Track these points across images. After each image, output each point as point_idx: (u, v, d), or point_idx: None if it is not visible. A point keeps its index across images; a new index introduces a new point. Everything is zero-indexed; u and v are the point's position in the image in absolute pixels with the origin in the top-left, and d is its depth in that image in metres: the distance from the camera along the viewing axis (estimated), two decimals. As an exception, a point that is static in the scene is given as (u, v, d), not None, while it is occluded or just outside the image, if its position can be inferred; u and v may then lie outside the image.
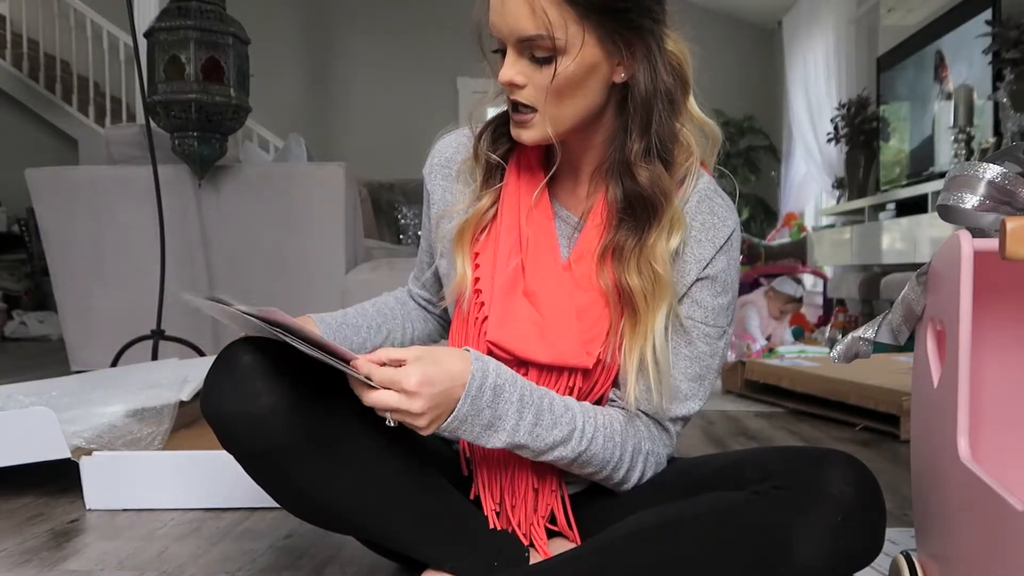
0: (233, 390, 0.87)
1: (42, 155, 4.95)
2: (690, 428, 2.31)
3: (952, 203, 0.90)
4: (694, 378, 0.99)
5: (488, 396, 0.88)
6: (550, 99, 0.91)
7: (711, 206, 0.97)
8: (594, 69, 0.92)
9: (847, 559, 0.85)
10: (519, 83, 0.92)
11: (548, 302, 0.98)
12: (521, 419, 0.90)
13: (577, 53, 0.89)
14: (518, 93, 0.92)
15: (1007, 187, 0.87)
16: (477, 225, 1.03)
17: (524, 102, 0.92)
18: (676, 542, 0.87)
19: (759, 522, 0.85)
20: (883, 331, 1.01)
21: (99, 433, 1.52)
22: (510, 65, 0.91)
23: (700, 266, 0.96)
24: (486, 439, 0.89)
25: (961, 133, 3.67)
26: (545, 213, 1.02)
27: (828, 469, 0.85)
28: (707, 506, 0.88)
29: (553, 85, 0.90)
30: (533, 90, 0.92)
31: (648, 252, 0.94)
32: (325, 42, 7.09)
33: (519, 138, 0.96)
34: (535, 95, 0.92)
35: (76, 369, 2.96)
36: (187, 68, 2.62)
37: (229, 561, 1.22)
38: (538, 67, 0.90)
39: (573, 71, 0.90)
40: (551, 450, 0.92)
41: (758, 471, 0.90)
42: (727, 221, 0.97)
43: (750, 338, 3.80)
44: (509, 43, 0.91)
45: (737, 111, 6.88)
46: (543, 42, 0.88)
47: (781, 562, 0.83)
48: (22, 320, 5.03)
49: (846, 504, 0.83)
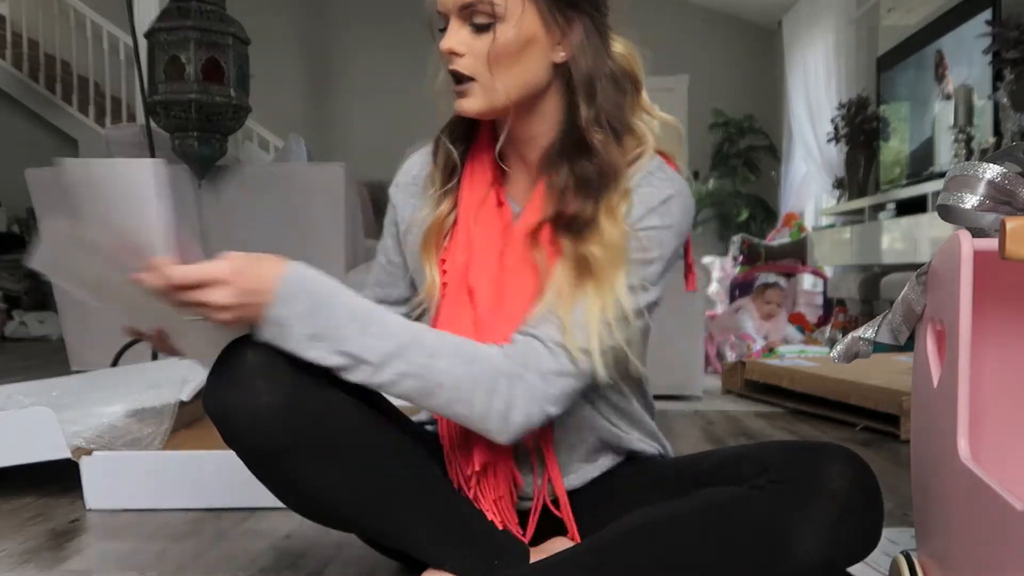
0: (236, 388, 0.87)
1: (42, 155, 4.94)
2: (690, 428, 2.31)
3: (952, 203, 0.90)
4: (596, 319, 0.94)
5: (305, 302, 0.85)
6: (488, 67, 0.93)
7: (650, 179, 0.97)
8: (533, 41, 0.94)
9: (846, 553, 0.85)
10: (459, 51, 0.93)
11: (483, 296, 0.99)
12: (346, 325, 0.86)
13: (516, 21, 0.92)
14: (457, 62, 0.93)
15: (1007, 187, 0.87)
16: (439, 231, 1.04)
17: (463, 71, 0.94)
18: (675, 539, 0.87)
19: (757, 517, 0.85)
20: (883, 331, 1.01)
21: (99, 433, 1.52)
22: (451, 35, 0.93)
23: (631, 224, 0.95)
24: (312, 350, 0.86)
25: (961, 133, 3.67)
26: (492, 211, 1.03)
27: (826, 463, 0.86)
28: (704, 502, 0.89)
29: (492, 52, 0.92)
30: (472, 59, 0.93)
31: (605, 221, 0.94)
32: (325, 42, 7.09)
33: (460, 108, 0.96)
34: (474, 64, 0.93)
35: (76, 369, 2.96)
36: (187, 68, 2.62)
37: (229, 561, 1.22)
38: (478, 35, 0.93)
39: (512, 39, 0.92)
40: (388, 363, 0.87)
41: (756, 466, 0.91)
42: (663, 189, 0.96)
43: (750, 338, 3.80)
44: (452, 13, 0.93)
45: (737, 111, 6.88)
46: (483, 7, 0.91)
47: (780, 556, 0.83)
48: (22, 320, 5.03)
49: (844, 498, 0.84)
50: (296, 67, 6.93)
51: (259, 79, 3.18)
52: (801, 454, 0.89)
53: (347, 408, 0.92)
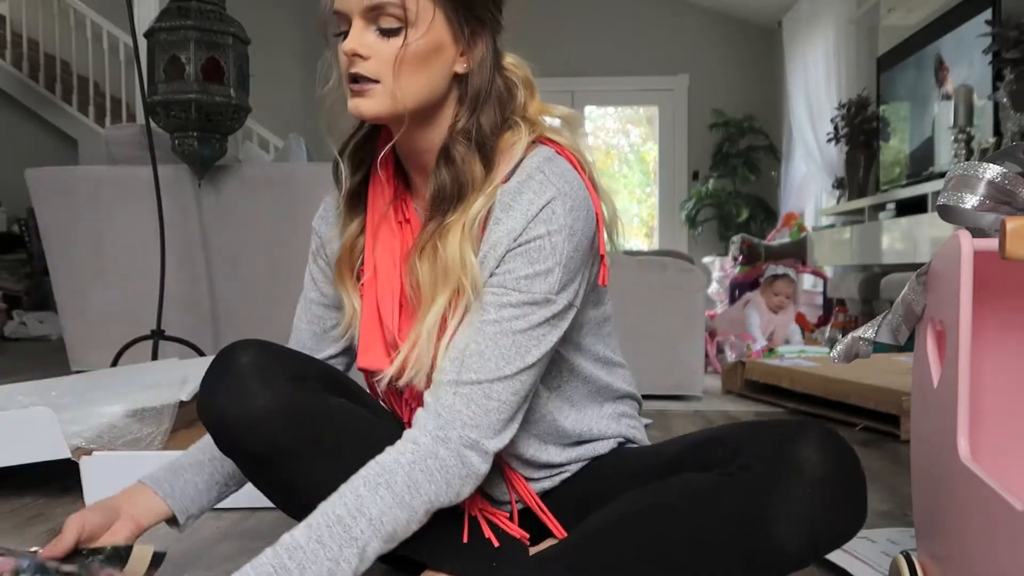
0: (230, 392, 0.87)
1: (42, 155, 4.95)
2: (690, 428, 2.31)
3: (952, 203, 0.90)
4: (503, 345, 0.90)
5: None
6: (395, 72, 0.90)
7: (529, 184, 0.92)
8: (440, 50, 0.92)
9: (829, 533, 0.84)
10: (363, 54, 0.90)
11: (387, 316, 0.99)
12: None
13: (426, 29, 0.90)
14: (361, 65, 0.91)
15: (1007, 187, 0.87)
16: (351, 255, 1.03)
17: (366, 74, 0.91)
18: (655, 526, 0.87)
19: (731, 505, 0.84)
20: (883, 331, 1.01)
21: (99, 433, 1.52)
22: (355, 37, 0.90)
23: (511, 238, 0.91)
24: None
25: (961, 133, 3.67)
26: (391, 229, 1.01)
27: (800, 444, 0.84)
28: (680, 488, 0.88)
29: (400, 57, 0.89)
30: (377, 62, 0.90)
31: (441, 237, 0.93)
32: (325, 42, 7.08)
33: (357, 110, 0.93)
34: (378, 67, 0.91)
35: (76, 369, 2.96)
36: (187, 68, 2.62)
37: (229, 561, 1.22)
38: (385, 39, 0.90)
39: (421, 46, 0.90)
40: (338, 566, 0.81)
41: (731, 447, 0.89)
42: (542, 194, 0.91)
43: (750, 338, 3.80)
44: (356, 14, 0.90)
45: (737, 111, 6.88)
46: (393, 10, 0.89)
47: (760, 542, 0.83)
48: (22, 320, 5.03)
49: (819, 478, 0.82)
50: (296, 67, 6.93)
51: (259, 79, 3.18)
52: (775, 435, 0.87)
53: (341, 410, 0.92)
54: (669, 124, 7.16)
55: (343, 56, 0.92)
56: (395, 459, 0.86)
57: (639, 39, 6.89)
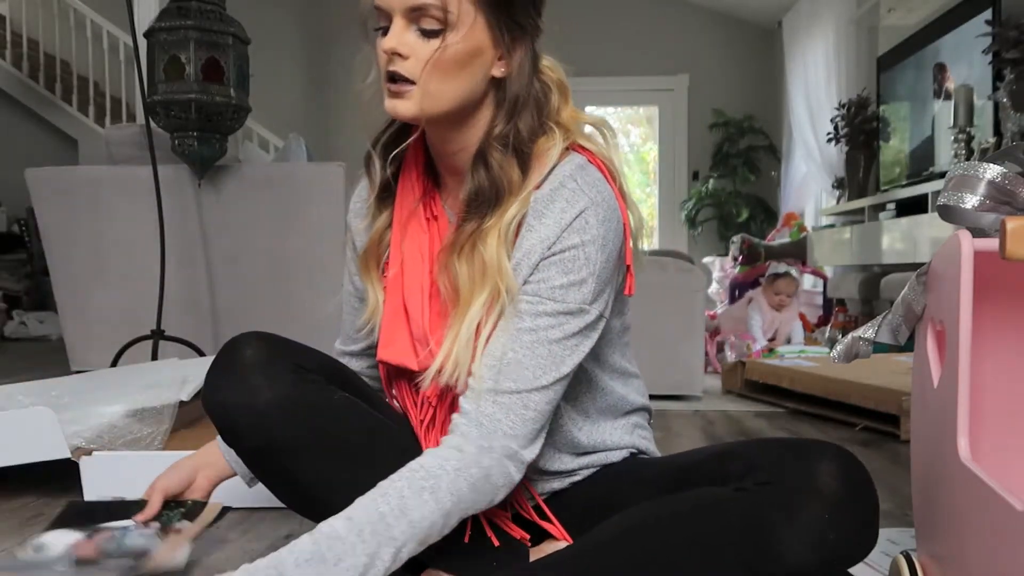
0: (234, 385, 0.88)
1: (42, 155, 4.95)
2: (690, 428, 2.31)
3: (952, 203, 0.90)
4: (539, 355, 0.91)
5: None
6: (432, 74, 0.90)
7: (562, 192, 0.93)
8: (478, 54, 0.92)
9: (838, 555, 0.83)
10: (403, 53, 0.90)
11: (415, 311, 0.99)
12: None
13: (466, 32, 0.90)
14: (400, 64, 0.91)
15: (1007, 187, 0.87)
16: (378, 248, 1.04)
17: (404, 74, 0.91)
18: (663, 540, 0.87)
19: (742, 521, 0.83)
20: (883, 331, 1.01)
21: (99, 433, 1.52)
22: (395, 35, 0.90)
23: (545, 246, 0.92)
24: None
25: (961, 133, 3.66)
26: (420, 225, 1.02)
27: (814, 462, 0.84)
28: (692, 502, 0.88)
29: (438, 59, 0.90)
30: (415, 62, 0.90)
31: (480, 239, 0.93)
32: (325, 42, 7.08)
33: (395, 111, 0.93)
34: (416, 67, 0.91)
35: (76, 369, 2.96)
36: (187, 68, 2.62)
37: (229, 561, 1.22)
38: (424, 40, 0.90)
39: (460, 49, 0.90)
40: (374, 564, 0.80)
41: (745, 463, 0.89)
42: (575, 203, 0.92)
43: (750, 338, 3.80)
44: (397, 12, 0.90)
45: (737, 111, 6.87)
46: (434, 12, 0.89)
47: (769, 560, 0.82)
48: (22, 320, 5.03)
49: (833, 498, 0.82)
50: (296, 67, 6.93)
51: (259, 79, 3.18)
52: (789, 452, 0.87)
53: (346, 405, 0.93)
54: (669, 124, 7.16)
55: (382, 53, 0.92)
56: (440, 465, 0.86)
57: (639, 39, 6.89)
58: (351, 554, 0.79)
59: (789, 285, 3.97)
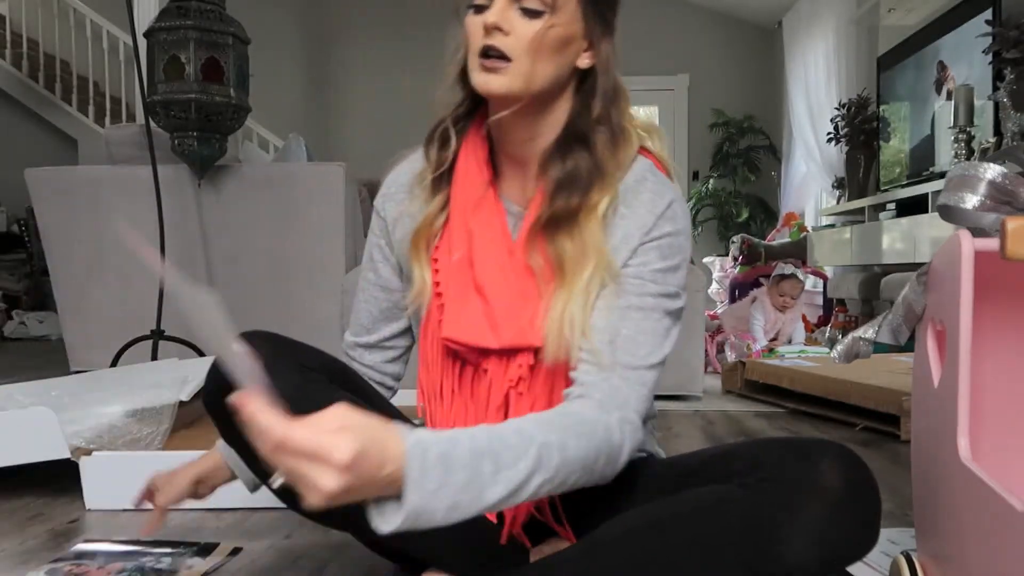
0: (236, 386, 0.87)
1: (42, 155, 4.95)
2: (690, 428, 2.31)
3: (953, 203, 0.90)
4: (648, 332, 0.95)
5: (436, 476, 0.72)
6: (530, 53, 0.92)
7: (646, 184, 0.98)
8: (571, 41, 0.95)
9: (840, 552, 0.84)
10: (505, 29, 0.92)
11: (493, 290, 0.99)
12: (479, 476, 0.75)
13: (567, 18, 0.93)
14: (500, 39, 0.92)
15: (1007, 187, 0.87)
16: (430, 230, 1.04)
17: (503, 50, 0.92)
18: (664, 541, 0.86)
19: (745, 517, 0.84)
20: (883, 331, 1.01)
21: (99, 433, 1.52)
22: (498, 11, 0.92)
23: (643, 231, 0.96)
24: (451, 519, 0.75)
25: (961, 133, 3.66)
26: (491, 207, 1.03)
27: (817, 460, 0.84)
28: (693, 503, 0.88)
29: (538, 39, 0.92)
30: (516, 40, 0.92)
31: (583, 217, 0.96)
32: (325, 42, 7.09)
33: (487, 86, 0.94)
34: (514, 45, 0.92)
35: (76, 369, 2.96)
36: (187, 68, 2.62)
37: (230, 561, 1.22)
38: (526, 19, 0.92)
39: (559, 33, 0.93)
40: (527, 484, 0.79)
41: (747, 463, 0.89)
42: (663, 194, 0.98)
43: (751, 338, 3.80)
44: None
45: (737, 111, 6.87)
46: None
47: (771, 556, 0.82)
48: (22, 320, 5.03)
49: (835, 496, 0.82)
50: (296, 67, 6.93)
51: (259, 79, 3.18)
52: (793, 451, 0.87)
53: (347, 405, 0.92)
54: (669, 124, 7.15)
55: (477, 29, 0.94)
56: (596, 419, 0.88)
57: (639, 39, 6.88)
58: (512, 467, 0.78)
59: (794, 287, 3.98)
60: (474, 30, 0.94)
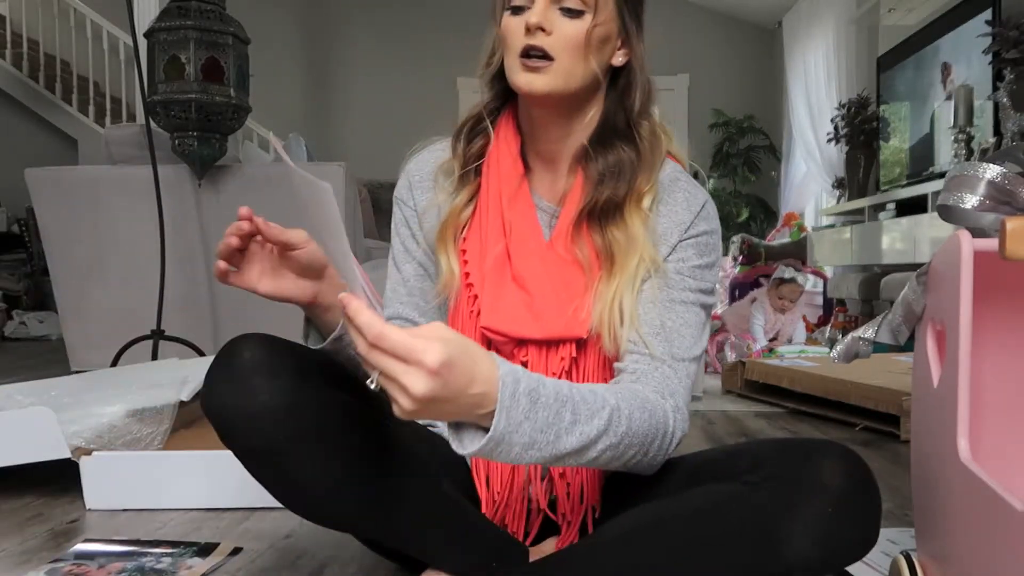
0: (232, 387, 0.87)
1: (42, 155, 4.95)
2: (690, 428, 2.31)
3: (952, 203, 0.90)
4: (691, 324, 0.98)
5: (522, 407, 0.75)
6: (571, 52, 0.95)
7: (679, 184, 1.03)
8: (608, 40, 0.98)
9: (840, 551, 0.84)
10: (547, 28, 0.94)
11: (535, 282, 1.00)
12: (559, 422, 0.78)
13: (604, 19, 0.96)
14: (542, 39, 0.94)
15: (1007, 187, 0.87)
16: (457, 221, 1.05)
17: (546, 49, 0.94)
18: (668, 540, 0.87)
19: (748, 514, 0.84)
20: (883, 331, 1.01)
21: (99, 433, 1.52)
22: (540, 11, 0.94)
23: (682, 229, 1.00)
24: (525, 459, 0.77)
25: (961, 133, 3.66)
26: (526, 201, 1.05)
27: (819, 460, 0.84)
28: (697, 502, 0.88)
29: (581, 38, 0.94)
30: (557, 39, 0.95)
31: (627, 209, 0.99)
32: (325, 42, 7.08)
33: (530, 85, 0.96)
34: (556, 44, 0.95)
35: (76, 369, 2.96)
36: (187, 68, 2.62)
37: (229, 561, 1.22)
38: (567, 19, 0.95)
39: (600, 32, 0.96)
40: (594, 444, 0.81)
41: (748, 463, 0.89)
42: (696, 195, 1.02)
43: (751, 338, 3.80)
44: None
45: (737, 111, 6.87)
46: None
47: (772, 554, 0.82)
48: (22, 320, 5.03)
49: (837, 495, 0.82)
50: (296, 67, 6.93)
51: (259, 79, 3.18)
52: (796, 451, 0.87)
53: (346, 407, 0.92)
54: (669, 124, 7.12)
55: (517, 29, 0.95)
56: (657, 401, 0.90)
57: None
58: (587, 422, 0.81)
59: (793, 291, 3.99)
60: (514, 30, 0.96)
